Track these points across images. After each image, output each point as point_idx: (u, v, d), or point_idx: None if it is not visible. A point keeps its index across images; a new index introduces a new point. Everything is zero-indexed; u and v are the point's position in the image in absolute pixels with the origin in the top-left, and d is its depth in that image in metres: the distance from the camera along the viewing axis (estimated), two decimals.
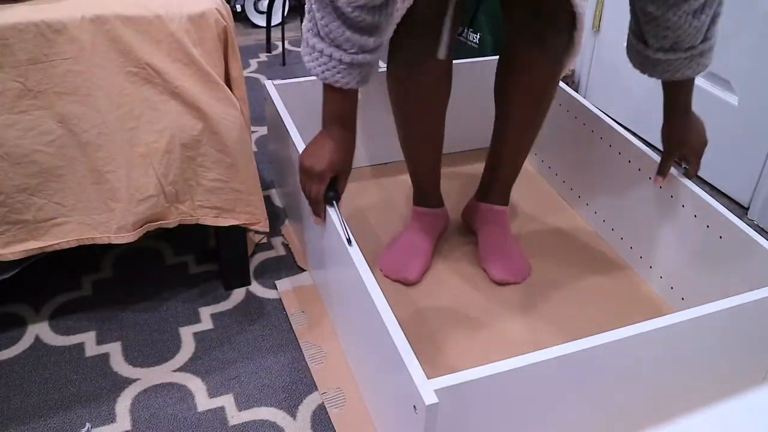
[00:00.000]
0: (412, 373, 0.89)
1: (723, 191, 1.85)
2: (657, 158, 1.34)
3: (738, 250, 1.14)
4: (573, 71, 2.31)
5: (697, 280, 1.27)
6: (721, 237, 1.17)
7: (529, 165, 1.84)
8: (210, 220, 1.31)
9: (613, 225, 1.53)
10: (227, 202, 1.30)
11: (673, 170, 1.31)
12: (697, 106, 1.87)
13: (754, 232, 1.12)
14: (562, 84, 2.06)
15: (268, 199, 1.78)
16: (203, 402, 1.23)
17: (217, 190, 1.29)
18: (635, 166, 1.38)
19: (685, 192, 1.25)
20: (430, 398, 0.85)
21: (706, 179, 1.90)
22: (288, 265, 1.54)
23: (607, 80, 2.24)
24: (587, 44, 2.29)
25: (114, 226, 1.23)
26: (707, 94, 1.84)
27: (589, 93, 2.33)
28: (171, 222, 1.29)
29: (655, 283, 1.42)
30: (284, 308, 1.42)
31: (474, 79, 1.85)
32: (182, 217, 1.29)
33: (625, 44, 1.27)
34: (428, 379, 0.89)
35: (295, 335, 1.36)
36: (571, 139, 1.64)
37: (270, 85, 1.72)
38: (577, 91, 2.35)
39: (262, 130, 2.07)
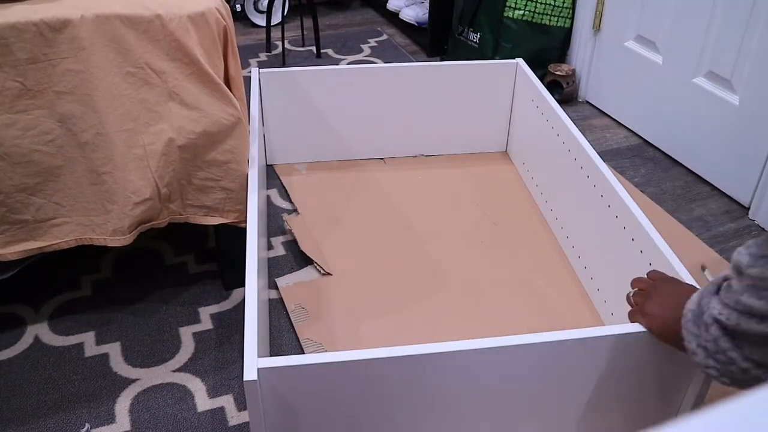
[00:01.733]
0: (247, 349, 0.95)
1: (724, 191, 1.85)
2: (613, 183, 1.34)
3: None
4: (573, 71, 2.31)
5: (624, 298, 1.29)
6: (650, 264, 1.19)
7: (515, 169, 1.83)
8: (199, 218, 1.31)
9: (568, 233, 1.58)
10: (217, 201, 1.30)
11: (616, 186, 1.32)
12: (698, 105, 1.87)
13: (681, 264, 1.12)
14: (548, 96, 2.06)
15: (268, 198, 1.78)
16: (203, 402, 1.23)
17: (207, 189, 1.29)
18: (598, 192, 1.41)
19: (627, 213, 1.28)
20: (250, 375, 0.91)
21: (707, 179, 1.89)
22: (288, 265, 1.54)
23: (606, 80, 2.24)
24: (587, 44, 2.29)
25: (110, 229, 1.23)
26: (708, 93, 1.84)
27: (589, 92, 2.33)
28: (162, 222, 1.28)
29: (593, 295, 1.45)
30: (284, 305, 1.42)
31: (478, 81, 1.85)
32: (172, 215, 1.29)
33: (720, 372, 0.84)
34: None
35: (296, 333, 1.36)
36: (549, 152, 1.68)
37: (255, 72, 1.75)
38: (577, 91, 2.35)
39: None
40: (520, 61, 1.85)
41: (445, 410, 1.03)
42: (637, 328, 1.00)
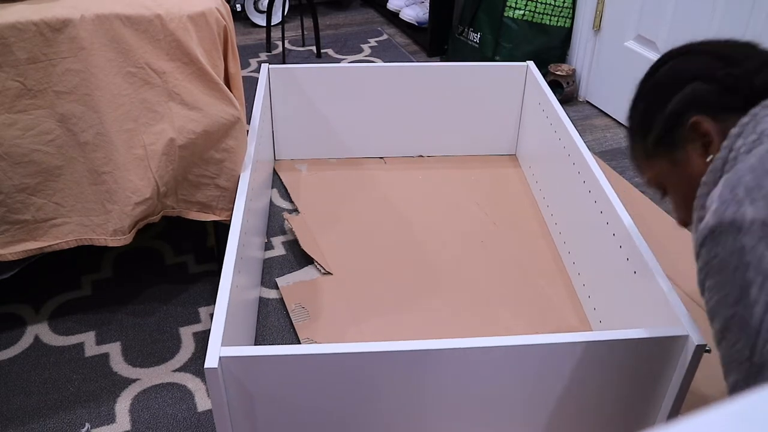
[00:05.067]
0: (211, 338, 0.96)
1: None
2: (606, 189, 1.34)
3: (646, 288, 1.16)
4: (573, 71, 2.31)
5: (612, 306, 1.30)
6: (635, 272, 1.20)
7: (521, 172, 1.83)
8: (192, 214, 1.31)
9: (565, 239, 1.58)
10: (210, 198, 1.31)
11: (608, 192, 1.32)
12: None
13: (663, 275, 1.12)
14: (553, 99, 2.05)
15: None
16: (203, 402, 1.23)
17: (201, 185, 1.29)
18: (592, 198, 1.41)
19: (617, 220, 1.28)
20: (212, 363, 0.93)
21: None
22: (289, 265, 1.54)
23: (607, 80, 2.24)
24: (587, 44, 2.28)
25: (110, 229, 1.23)
26: None
27: (589, 92, 2.33)
28: (156, 217, 1.29)
29: (584, 301, 1.45)
30: (284, 304, 1.42)
31: (487, 83, 1.84)
32: (165, 210, 1.29)
33: None
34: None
35: (296, 332, 1.36)
36: (552, 156, 1.67)
37: (265, 69, 1.77)
38: (577, 91, 2.35)
39: None
40: (531, 64, 1.84)
41: (412, 406, 1.03)
42: (625, 335, 1.01)
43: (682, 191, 0.91)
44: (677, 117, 0.88)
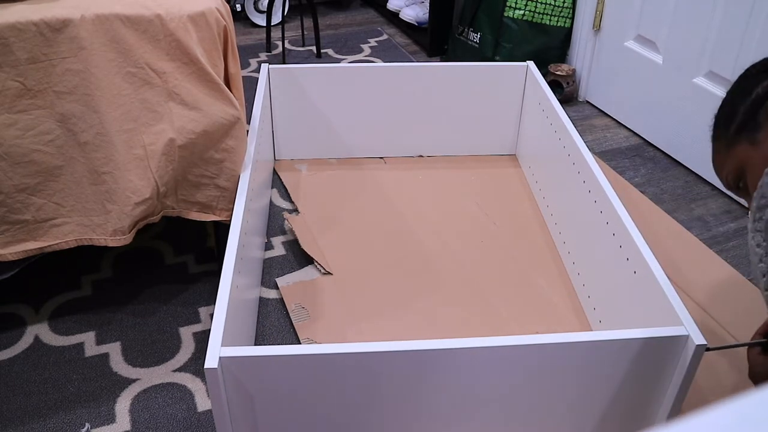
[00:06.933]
0: (212, 338, 0.97)
1: (724, 191, 1.85)
2: (606, 189, 1.34)
3: (646, 288, 1.16)
4: (573, 71, 2.31)
5: (612, 307, 1.30)
6: (635, 272, 1.20)
7: (521, 172, 1.84)
8: (192, 214, 1.32)
9: (565, 239, 1.58)
10: (210, 199, 1.31)
11: (608, 193, 1.33)
12: (697, 105, 1.88)
13: (664, 275, 1.12)
14: (553, 99, 2.04)
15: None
16: (203, 402, 1.23)
17: (201, 185, 1.29)
18: (592, 197, 1.41)
19: (617, 221, 1.28)
20: (211, 363, 0.93)
21: (706, 179, 1.90)
22: (289, 265, 1.54)
23: (606, 80, 2.24)
24: (587, 44, 2.29)
25: (110, 229, 1.23)
26: (708, 93, 1.84)
27: (589, 92, 2.33)
28: (156, 217, 1.29)
29: (584, 301, 1.45)
30: (284, 304, 1.42)
31: (487, 82, 1.84)
32: (165, 210, 1.29)
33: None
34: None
35: (296, 333, 1.36)
36: (552, 156, 1.67)
37: (264, 69, 1.77)
38: (577, 91, 2.35)
39: None
40: (531, 64, 1.84)
41: (412, 406, 1.03)
42: (625, 335, 1.01)
43: (759, 173, 0.93)
44: (761, 100, 0.93)
